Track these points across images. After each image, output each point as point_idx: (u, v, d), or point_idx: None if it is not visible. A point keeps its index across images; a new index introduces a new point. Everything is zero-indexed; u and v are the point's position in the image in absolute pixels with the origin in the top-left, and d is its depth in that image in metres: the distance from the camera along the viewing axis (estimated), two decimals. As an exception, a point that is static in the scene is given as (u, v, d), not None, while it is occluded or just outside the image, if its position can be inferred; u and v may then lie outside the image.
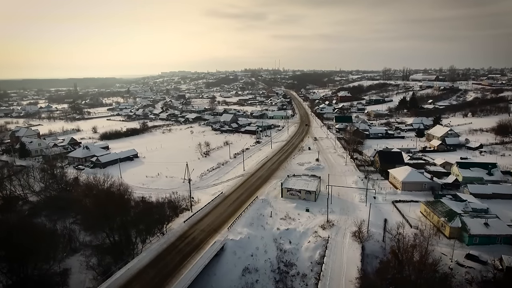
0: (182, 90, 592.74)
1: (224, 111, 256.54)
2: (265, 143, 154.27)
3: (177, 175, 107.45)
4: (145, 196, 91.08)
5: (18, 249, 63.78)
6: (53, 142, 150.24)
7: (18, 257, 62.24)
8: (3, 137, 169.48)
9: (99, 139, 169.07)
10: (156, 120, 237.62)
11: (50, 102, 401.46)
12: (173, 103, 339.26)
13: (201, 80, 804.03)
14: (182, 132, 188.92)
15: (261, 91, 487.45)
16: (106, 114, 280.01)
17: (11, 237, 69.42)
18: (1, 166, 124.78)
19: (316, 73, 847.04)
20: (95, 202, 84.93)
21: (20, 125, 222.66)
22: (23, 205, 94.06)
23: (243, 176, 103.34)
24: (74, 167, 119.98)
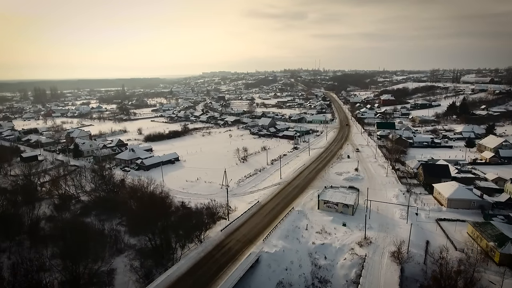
0: (222, 91, 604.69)
1: (263, 115, 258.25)
2: (303, 149, 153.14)
3: (215, 180, 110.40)
4: (184, 201, 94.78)
5: (71, 248, 69.47)
6: (103, 143, 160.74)
7: (71, 255, 67.57)
8: (60, 137, 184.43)
9: (144, 141, 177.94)
10: (197, 122, 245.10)
11: (101, 102, 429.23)
12: (213, 105, 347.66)
13: (241, 81, 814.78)
14: (221, 136, 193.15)
15: (300, 93, 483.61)
16: (150, 115, 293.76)
17: (65, 235, 75.87)
18: (58, 165, 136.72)
19: (357, 74, 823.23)
20: (139, 205, 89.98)
21: (74, 125, 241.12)
22: (75, 204, 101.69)
23: (280, 184, 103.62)
24: (121, 169, 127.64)
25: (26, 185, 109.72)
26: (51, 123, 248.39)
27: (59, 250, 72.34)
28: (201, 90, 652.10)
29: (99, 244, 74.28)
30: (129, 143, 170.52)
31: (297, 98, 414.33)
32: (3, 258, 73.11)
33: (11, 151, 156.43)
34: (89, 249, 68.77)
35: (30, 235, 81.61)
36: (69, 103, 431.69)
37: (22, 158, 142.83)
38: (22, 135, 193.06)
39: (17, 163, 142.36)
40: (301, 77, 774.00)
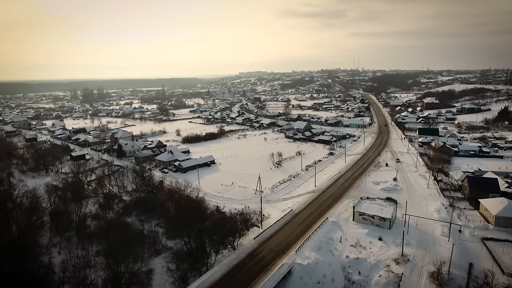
0: (258, 92, 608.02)
1: (298, 117, 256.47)
2: (339, 155, 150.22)
3: (249, 185, 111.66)
4: (219, 206, 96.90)
5: (114, 247, 73.72)
6: (144, 144, 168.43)
7: (114, 253, 71.66)
8: (105, 137, 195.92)
9: (182, 142, 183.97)
10: (232, 124, 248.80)
11: (142, 102, 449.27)
12: (248, 106, 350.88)
13: (277, 81, 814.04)
14: (256, 139, 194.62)
15: (337, 94, 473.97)
16: (188, 116, 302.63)
17: (109, 234, 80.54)
18: (103, 165, 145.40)
19: (399, 74, 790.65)
20: (176, 208, 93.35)
21: (118, 125, 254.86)
22: (118, 203, 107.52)
23: (314, 192, 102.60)
24: (160, 170, 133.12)
25: (74, 183, 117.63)
26: (97, 123, 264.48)
27: (103, 248, 77.21)
28: (237, 90, 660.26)
29: (139, 244, 77.92)
30: (168, 144, 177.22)
31: (334, 99, 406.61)
32: (54, 252, 79.09)
33: (63, 149, 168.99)
34: (130, 249, 72.56)
35: (78, 232, 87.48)
36: (114, 103, 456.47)
37: (72, 156, 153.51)
38: (72, 134, 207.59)
39: (67, 161, 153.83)
40: (338, 78, 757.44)
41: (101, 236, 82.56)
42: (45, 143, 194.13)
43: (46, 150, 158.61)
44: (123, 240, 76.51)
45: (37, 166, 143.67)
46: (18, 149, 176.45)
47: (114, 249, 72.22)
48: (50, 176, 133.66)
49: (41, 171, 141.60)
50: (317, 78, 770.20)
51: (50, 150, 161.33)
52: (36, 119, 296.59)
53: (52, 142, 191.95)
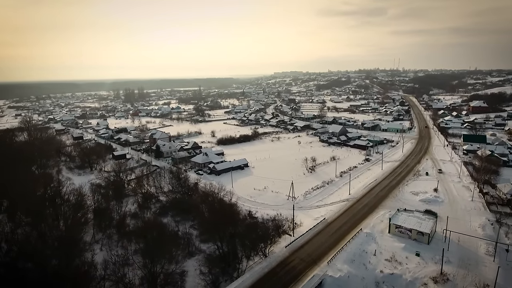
0: (293, 93, 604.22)
1: (333, 120, 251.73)
2: (375, 161, 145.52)
3: (282, 191, 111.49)
4: (251, 211, 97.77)
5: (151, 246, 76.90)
6: (180, 145, 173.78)
7: (151, 253, 74.77)
8: (144, 137, 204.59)
9: (216, 144, 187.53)
10: (266, 126, 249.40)
11: (180, 103, 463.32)
12: (283, 108, 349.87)
13: (312, 82, 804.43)
14: (290, 142, 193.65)
15: (375, 96, 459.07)
16: (223, 117, 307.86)
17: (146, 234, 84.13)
18: (142, 164, 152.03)
19: (443, 74, 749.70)
20: (209, 211, 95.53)
21: (156, 125, 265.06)
22: (155, 203, 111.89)
23: (348, 201, 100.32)
24: (195, 172, 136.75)
25: (116, 182, 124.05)
26: (137, 123, 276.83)
27: (141, 247, 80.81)
28: (272, 91, 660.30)
29: (174, 245, 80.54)
30: (203, 145, 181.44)
31: (372, 101, 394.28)
32: (96, 249, 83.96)
33: (106, 148, 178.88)
34: (166, 249, 75.31)
35: (118, 230, 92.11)
36: (153, 103, 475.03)
37: (114, 156, 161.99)
38: (114, 133, 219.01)
39: (110, 160, 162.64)
40: (377, 78, 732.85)
41: (139, 235, 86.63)
42: (90, 141, 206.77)
43: (91, 149, 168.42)
44: (159, 240, 79.56)
45: (83, 164, 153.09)
46: (66, 147, 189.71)
47: (150, 249, 75.40)
48: (94, 174, 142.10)
49: (86, 169, 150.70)
50: (354, 79, 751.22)
51: (94, 148, 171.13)
52: (82, 118, 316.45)
53: (96, 141, 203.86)
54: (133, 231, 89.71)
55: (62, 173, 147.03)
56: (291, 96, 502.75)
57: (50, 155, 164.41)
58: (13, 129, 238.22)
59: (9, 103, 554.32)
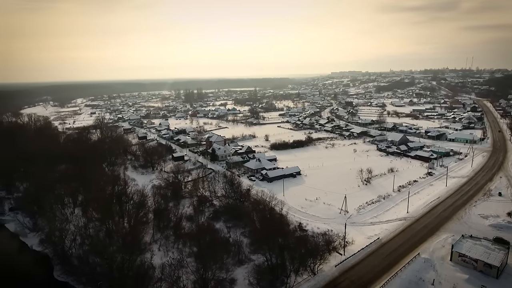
0: (350, 95, 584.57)
1: (393, 127, 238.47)
2: (439, 176, 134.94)
3: (334, 203, 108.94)
4: (302, 223, 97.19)
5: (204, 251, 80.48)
6: (234, 149, 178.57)
7: (203, 258, 78.23)
8: (201, 139, 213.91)
9: (269, 149, 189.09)
10: (321, 131, 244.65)
11: (236, 104, 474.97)
12: (339, 111, 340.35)
13: (371, 83, 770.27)
14: (345, 149, 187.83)
15: (442, 100, 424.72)
16: (277, 120, 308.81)
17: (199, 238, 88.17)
18: (198, 167, 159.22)
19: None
20: (260, 220, 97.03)
21: (213, 127, 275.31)
22: (209, 207, 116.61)
23: (406, 220, 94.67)
24: (248, 177, 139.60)
25: (174, 183, 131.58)
26: (195, 124, 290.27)
27: (194, 251, 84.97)
28: (328, 92, 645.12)
29: (225, 252, 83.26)
30: (257, 150, 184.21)
31: (438, 106, 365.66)
32: (155, 249, 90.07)
33: (166, 149, 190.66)
34: (217, 255, 78.21)
35: (175, 231, 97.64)
36: (210, 103, 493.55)
37: (173, 157, 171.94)
38: (174, 134, 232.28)
39: (169, 160, 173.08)
40: (445, 80, 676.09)
41: (193, 238, 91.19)
42: (152, 141, 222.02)
43: (153, 149, 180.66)
44: (212, 245, 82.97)
45: (146, 163, 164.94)
46: (132, 145, 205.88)
47: (203, 254, 78.95)
48: (155, 174, 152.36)
49: (149, 168, 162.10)
50: (418, 80, 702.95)
51: (156, 149, 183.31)
52: (147, 118, 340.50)
53: (158, 141, 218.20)
54: (188, 233, 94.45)
55: (127, 171, 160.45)
56: (348, 99, 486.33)
57: (118, 153, 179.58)
58: (88, 127, 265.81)
59: (86, 102, 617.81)
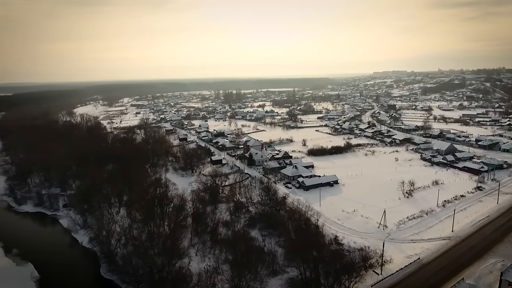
0: (394, 97, 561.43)
1: (440, 134, 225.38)
2: (490, 191, 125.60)
3: (373, 216, 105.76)
4: (338, 236, 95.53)
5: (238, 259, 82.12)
6: (271, 154, 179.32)
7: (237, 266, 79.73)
8: (239, 142, 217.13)
9: (306, 154, 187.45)
10: (361, 137, 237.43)
11: (274, 105, 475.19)
12: (380, 115, 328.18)
13: (417, 84, 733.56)
14: (386, 157, 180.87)
15: (497, 104, 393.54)
16: (315, 123, 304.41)
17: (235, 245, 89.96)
18: (235, 171, 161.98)
19: None
20: (295, 230, 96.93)
21: (250, 129, 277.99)
22: (245, 213, 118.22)
23: (450, 239, 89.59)
24: (284, 184, 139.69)
25: (212, 187, 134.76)
26: (234, 126, 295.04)
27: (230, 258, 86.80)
28: (370, 94, 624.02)
29: (260, 261, 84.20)
30: (293, 155, 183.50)
31: (492, 111, 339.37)
32: (192, 253, 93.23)
33: (205, 152, 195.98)
34: (251, 264, 79.39)
35: (211, 237, 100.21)
36: (249, 105, 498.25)
37: (212, 160, 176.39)
38: (213, 137, 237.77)
39: (208, 163, 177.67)
40: (501, 81, 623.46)
41: (229, 245, 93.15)
42: (192, 143, 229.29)
43: (193, 152, 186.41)
44: (247, 254, 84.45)
45: (185, 166, 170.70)
46: (173, 147, 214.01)
47: (238, 262, 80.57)
48: (194, 177, 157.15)
49: (188, 171, 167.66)
50: (470, 81, 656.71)
51: (195, 151, 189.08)
52: (187, 119, 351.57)
53: (197, 143, 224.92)
54: (224, 240, 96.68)
55: (168, 173, 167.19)
56: (391, 101, 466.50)
57: (160, 155, 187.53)
58: (133, 127, 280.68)
59: (131, 101, 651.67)
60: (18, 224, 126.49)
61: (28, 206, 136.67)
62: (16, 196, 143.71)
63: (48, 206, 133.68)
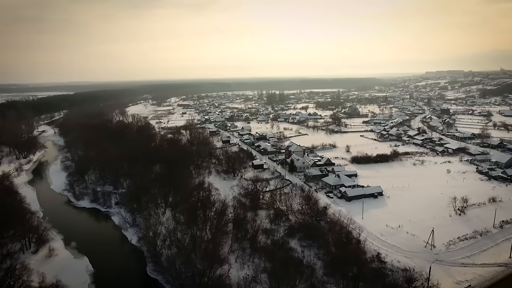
0: (448, 99, 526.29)
1: (500, 144, 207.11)
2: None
3: (419, 234, 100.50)
4: (380, 253, 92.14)
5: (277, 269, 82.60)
6: (313, 160, 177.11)
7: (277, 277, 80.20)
8: (281, 146, 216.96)
9: (350, 162, 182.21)
10: (409, 144, 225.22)
11: (317, 107, 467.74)
12: (432, 121, 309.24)
13: (475, 86, 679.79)
14: (437, 168, 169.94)
15: None
16: (360, 128, 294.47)
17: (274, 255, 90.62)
18: (276, 177, 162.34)
19: None
20: (336, 243, 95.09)
21: (292, 133, 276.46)
22: (284, 221, 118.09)
23: (507, 266, 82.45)
24: (325, 193, 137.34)
25: (253, 193, 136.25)
26: (276, 129, 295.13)
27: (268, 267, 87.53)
28: (421, 96, 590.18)
29: (298, 273, 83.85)
30: (336, 162, 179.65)
31: None
32: (232, 259, 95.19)
33: (247, 155, 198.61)
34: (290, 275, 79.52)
35: (251, 244, 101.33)
36: (291, 107, 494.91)
37: (253, 164, 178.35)
38: (255, 140, 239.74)
39: (249, 167, 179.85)
40: None
41: (268, 254, 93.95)
42: (234, 145, 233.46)
43: (235, 155, 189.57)
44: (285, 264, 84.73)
45: (228, 169, 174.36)
46: (216, 149, 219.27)
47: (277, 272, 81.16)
48: (236, 181, 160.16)
49: (230, 174, 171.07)
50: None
51: (238, 154, 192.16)
52: (230, 120, 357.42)
53: (240, 146, 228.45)
54: (264, 248, 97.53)
55: (211, 175, 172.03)
56: (445, 105, 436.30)
57: (204, 156, 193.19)
58: (179, 127, 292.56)
59: (178, 101, 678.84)
60: (76, 218, 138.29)
61: (84, 202, 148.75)
62: (75, 191, 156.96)
63: (102, 202, 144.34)
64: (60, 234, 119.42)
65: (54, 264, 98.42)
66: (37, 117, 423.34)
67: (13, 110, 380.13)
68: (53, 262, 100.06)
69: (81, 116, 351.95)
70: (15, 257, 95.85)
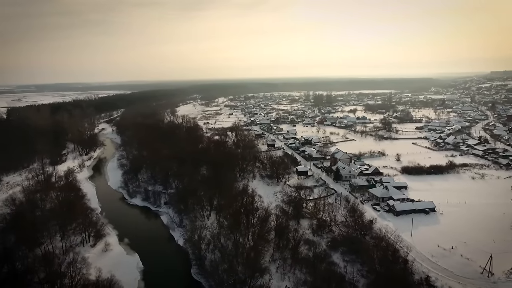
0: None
1: None
2: None
3: (475, 258, 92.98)
4: (430, 276, 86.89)
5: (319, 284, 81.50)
6: (360, 169, 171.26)
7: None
8: (326, 152, 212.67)
9: (400, 172, 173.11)
10: (468, 155, 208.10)
11: (366, 110, 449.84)
12: (496, 129, 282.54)
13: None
14: (499, 184, 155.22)
15: None
16: (413, 134, 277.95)
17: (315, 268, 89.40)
18: (320, 185, 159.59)
19: None
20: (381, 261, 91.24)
21: (339, 138, 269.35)
22: (327, 232, 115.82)
23: None
24: (372, 206, 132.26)
25: (296, 200, 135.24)
26: (322, 133, 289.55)
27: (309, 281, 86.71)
28: (485, 99, 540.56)
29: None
30: (385, 172, 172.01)
31: None
32: (272, 269, 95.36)
33: (291, 160, 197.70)
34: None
35: (292, 254, 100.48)
36: (339, 109, 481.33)
37: (297, 171, 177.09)
38: (300, 145, 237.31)
39: (293, 173, 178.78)
40: None
41: (309, 266, 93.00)
42: (279, 149, 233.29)
43: (280, 159, 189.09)
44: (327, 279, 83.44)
45: (272, 174, 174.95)
46: (261, 152, 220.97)
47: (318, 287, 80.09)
48: (280, 187, 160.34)
49: (274, 179, 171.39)
50: None
51: (282, 159, 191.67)
52: (276, 123, 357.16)
53: (284, 151, 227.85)
54: (305, 260, 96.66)
55: (255, 179, 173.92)
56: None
57: (249, 160, 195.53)
58: (226, 129, 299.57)
59: (225, 101, 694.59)
60: (129, 215, 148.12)
61: (137, 200, 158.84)
62: (129, 189, 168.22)
63: (152, 201, 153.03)
64: (115, 229, 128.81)
65: (109, 258, 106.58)
66: (98, 115, 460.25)
67: (78, 109, 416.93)
68: (108, 256, 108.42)
69: (136, 115, 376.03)
70: (76, 251, 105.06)
